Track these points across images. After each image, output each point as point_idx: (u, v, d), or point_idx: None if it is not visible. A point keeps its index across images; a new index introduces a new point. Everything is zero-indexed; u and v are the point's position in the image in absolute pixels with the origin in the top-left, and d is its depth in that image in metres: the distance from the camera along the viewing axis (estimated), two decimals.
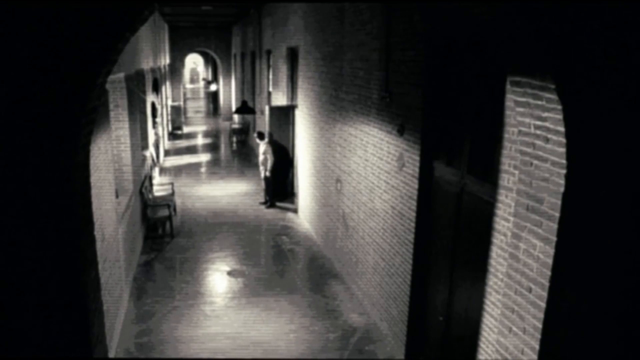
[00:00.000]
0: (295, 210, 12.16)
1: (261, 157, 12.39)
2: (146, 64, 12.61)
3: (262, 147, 12.37)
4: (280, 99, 13.49)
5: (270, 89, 15.17)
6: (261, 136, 12.59)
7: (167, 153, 18.93)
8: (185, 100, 34.01)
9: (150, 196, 11.01)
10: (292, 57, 12.25)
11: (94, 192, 4.76)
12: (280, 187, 12.62)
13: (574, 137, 2.96)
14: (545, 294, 3.21)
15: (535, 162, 3.26)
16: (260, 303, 7.66)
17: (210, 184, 14.63)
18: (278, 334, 6.82)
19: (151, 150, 13.26)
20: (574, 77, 2.89)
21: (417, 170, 5.67)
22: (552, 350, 3.30)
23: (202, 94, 44.91)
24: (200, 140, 22.37)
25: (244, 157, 18.51)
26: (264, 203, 12.54)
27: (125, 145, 8.49)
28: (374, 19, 6.69)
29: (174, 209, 11.27)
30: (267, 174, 12.20)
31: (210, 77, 42.90)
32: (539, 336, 3.27)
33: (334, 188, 8.96)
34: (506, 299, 3.63)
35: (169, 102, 24.00)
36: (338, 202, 8.76)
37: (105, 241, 6.03)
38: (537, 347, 3.30)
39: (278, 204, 12.57)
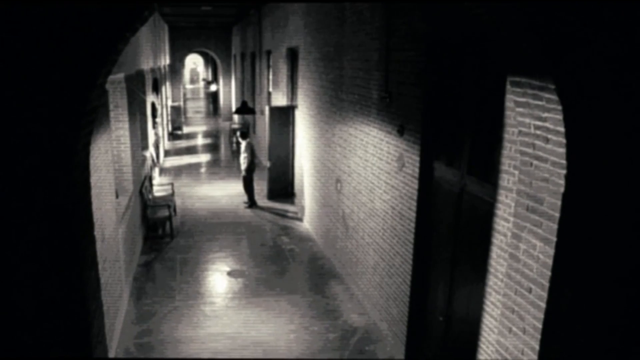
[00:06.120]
0: (295, 211, 12.16)
1: (242, 158, 12.44)
2: (146, 64, 12.62)
3: (244, 147, 12.42)
4: (280, 99, 13.49)
5: (270, 89, 15.18)
6: (244, 136, 12.62)
7: (167, 153, 18.92)
8: (185, 100, 34.03)
9: (150, 196, 11.02)
10: (292, 58, 12.25)
11: (94, 192, 4.76)
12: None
13: (573, 138, 2.96)
14: (545, 294, 3.21)
15: (535, 162, 3.27)
16: (261, 303, 7.66)
17: (210, 184, 14.63)
18: (278, 334, 6.82)
19: (151, 150, 13.26)
20: (574, 77, 2.89)
21: (417, 170, 5.67)
22: (552, 351, 3.30)
23: (202, 94, 44.94)
24: (200, 141, 22.36)
25: None
26: (247, 204, 12.53)
27: (125, 146, 8.49)
28: (374, 19, 6.69)
29: (174, 210, 11.27)
30: (244, 174, 12.23)
31: (210, 78, 42.92)
32: (539, 336, 3.27)
33: (334, 188, 8.96)
34: (506, 299, 3.63)
35: (169, 103, 24.00)
36: (338, 203, 8.76)
37: (105, 241, 6.03)
38: (537, 347, 3.30)
39: (278, 204, 12.55)
